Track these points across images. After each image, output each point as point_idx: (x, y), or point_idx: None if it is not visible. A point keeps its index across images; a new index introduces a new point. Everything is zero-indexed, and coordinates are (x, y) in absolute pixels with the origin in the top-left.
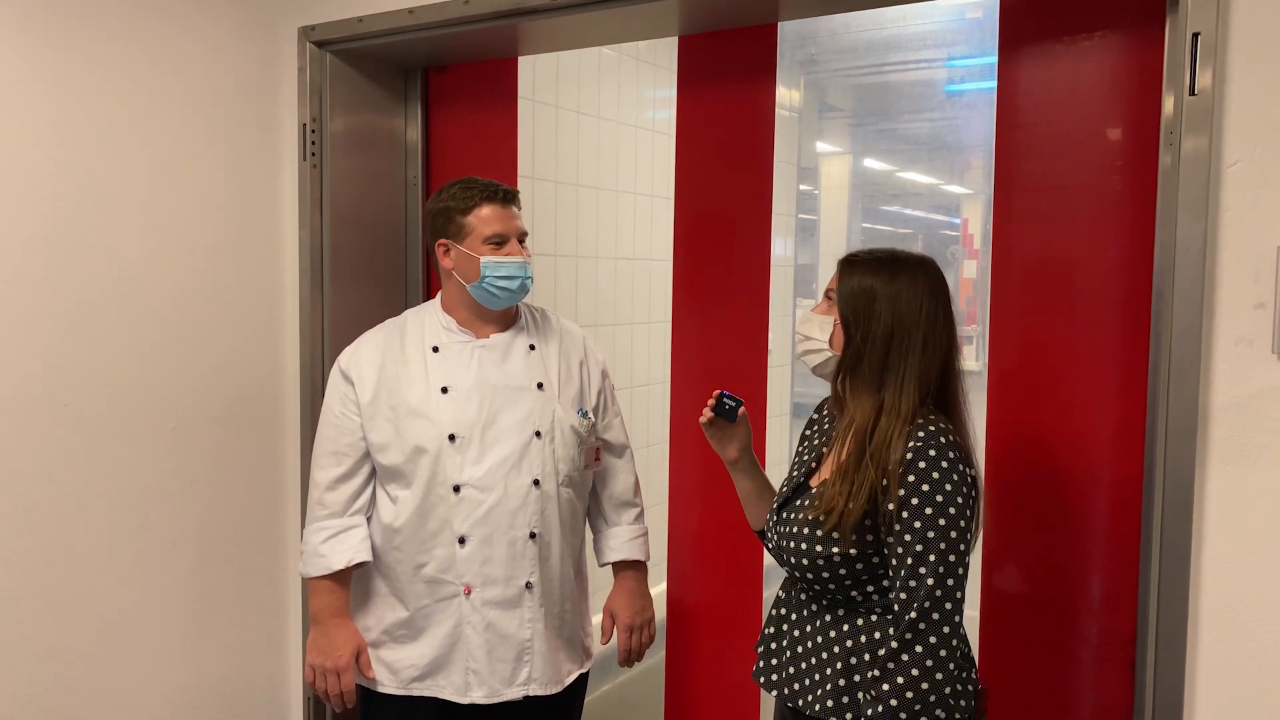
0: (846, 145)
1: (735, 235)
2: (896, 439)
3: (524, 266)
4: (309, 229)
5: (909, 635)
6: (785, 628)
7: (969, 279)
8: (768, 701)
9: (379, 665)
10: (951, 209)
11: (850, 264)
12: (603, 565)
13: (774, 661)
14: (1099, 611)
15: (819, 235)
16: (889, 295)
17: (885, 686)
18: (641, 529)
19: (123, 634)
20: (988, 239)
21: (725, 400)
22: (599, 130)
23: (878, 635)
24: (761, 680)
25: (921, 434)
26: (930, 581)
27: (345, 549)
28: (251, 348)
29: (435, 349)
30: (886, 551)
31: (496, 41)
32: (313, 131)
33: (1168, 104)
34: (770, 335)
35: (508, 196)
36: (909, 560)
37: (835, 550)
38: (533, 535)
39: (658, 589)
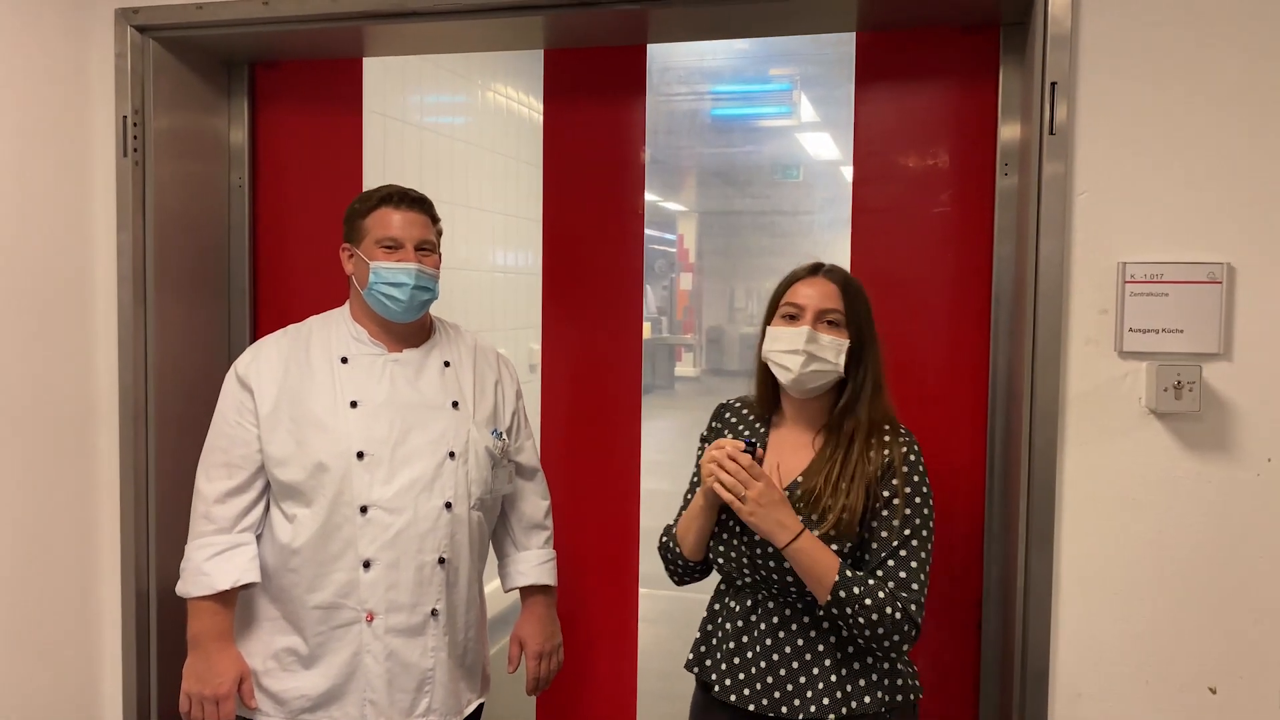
0: None
1: (607, 246)
2: (891, 438)
3: (415, 274)
4: (130, 232)
5: (909, 628)
6: (748, 640)
7: (685, 290)
8: (645, 705)
9: (263, 696)
10: (668, 225)
11: (847, 284)
12: (509, 590)
13: (742, 676)
14: (949, 581)
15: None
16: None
17: (894, 677)
18: (551, 554)
19: None
20: (701, 253)
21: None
22: (420, 140)
23: None
24: (733, 698)
25: (905, 435)
26: (924, 577)
27: (232, 568)
28: (58, 365)
29: (344, 360)
30: (868, 536)
31: (337, 40)
32: (135, 125)
33: (1010, 136)
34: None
35: (405, 200)
36: (902, 553)
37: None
38: (442, 560)
39: None
